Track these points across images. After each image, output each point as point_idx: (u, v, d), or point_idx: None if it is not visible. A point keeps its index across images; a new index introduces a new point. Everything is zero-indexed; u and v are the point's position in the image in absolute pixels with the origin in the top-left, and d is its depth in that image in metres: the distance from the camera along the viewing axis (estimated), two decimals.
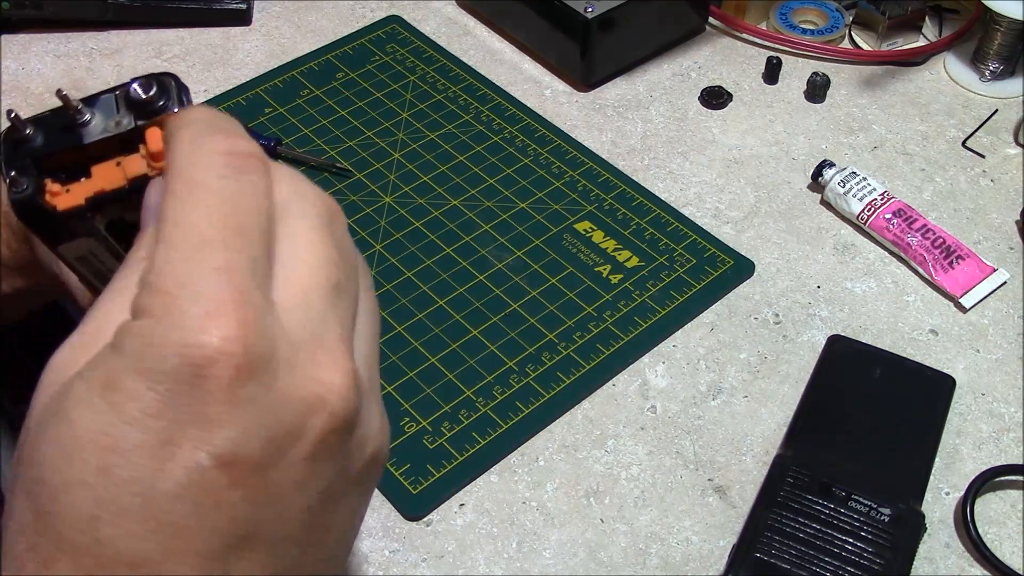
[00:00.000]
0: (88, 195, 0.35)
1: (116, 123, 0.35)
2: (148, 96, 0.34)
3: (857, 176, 0.66)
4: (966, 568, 0.50)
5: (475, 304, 0.61)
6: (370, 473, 0.31)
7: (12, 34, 0.79)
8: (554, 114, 0.74)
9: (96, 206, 0.36)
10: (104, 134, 0.35)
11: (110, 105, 0.35)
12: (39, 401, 0.28)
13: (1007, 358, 0.59)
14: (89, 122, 0.35)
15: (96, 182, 0.35)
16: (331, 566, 0.31)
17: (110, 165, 0.35)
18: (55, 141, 0.35)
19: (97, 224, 0.36)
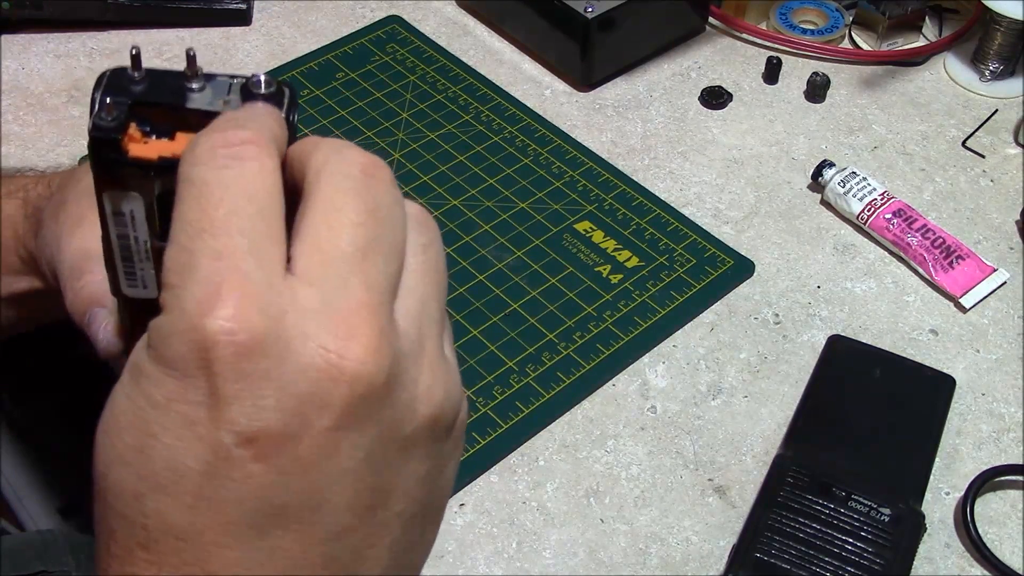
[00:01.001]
0: (162, 154, 0.36)
1: (223, 102, 0.36)
2: (264, 92, 0.35)
3: (857, 176, 0.66)
4: (966, 568, 0.50)
5: (475, 304, 0.61)
6: (434, 433, 0.31)
7: (12, 34, 0.79)
8: (554, 114, 0.74)
9: (163, 169, 0.36)
10: (206, 106, 0.36)
11: (224, 86, 0.36)
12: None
13: (1007, 358, 0.59)
14: (198, 91, 0.36)
15: (175, 147, 0.36)
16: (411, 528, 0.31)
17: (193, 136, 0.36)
18: (158, 94, 0.36)
19: (152, 187, 0.37)
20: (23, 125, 0.72)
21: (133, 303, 0.41)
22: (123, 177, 0.37)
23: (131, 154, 0.36)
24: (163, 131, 0.36)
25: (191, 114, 0.36)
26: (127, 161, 0.36)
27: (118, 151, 0.36)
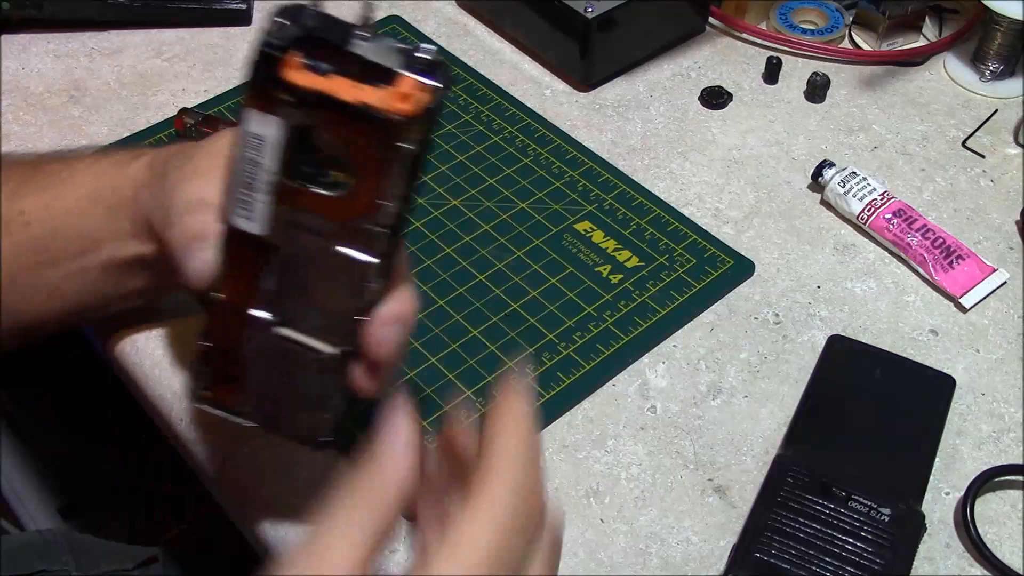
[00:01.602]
0: (316, 87, 0.38)
1: (385, 57, 0.38)
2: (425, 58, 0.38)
3: (857, 176, 0.66)
4: (966, 568, 0.50)
5: (475, 304, 0.61)
6: None
7: (12, 34, 0.79)
8: (554, 114, 0.74)
9: (311, 101, 0.38)
10: (368, 55, 0.38)
11: (388, 46, 0.38)
12: None
13: (1007, 358, 0.59)
14: (363, 41, 0.38)
15: (328, 84, 0.38)
16: None
17: (349, 82, 0.38)
18: (328, 33, 0.38)
19: (294, 117, 0.38)
20: (23, 125, 0.72)
21: (235, 238, 0.41)
22: (271, 97, 0.38)
23: (287, 77, 0.38)
24: (322, 69, 0.38)
25: (351, 59, 0.38)
26: (282, 83, 0.38)
27: (275, 70, 0.38)
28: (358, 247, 0.40)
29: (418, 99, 0.38)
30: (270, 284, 0.41)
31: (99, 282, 0.52)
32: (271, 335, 0.42)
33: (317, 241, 0.40)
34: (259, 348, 0.42)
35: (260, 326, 0.42)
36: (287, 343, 0.42)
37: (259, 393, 0.44)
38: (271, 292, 0.41)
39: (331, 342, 0.42)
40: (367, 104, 0.37)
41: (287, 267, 0.41)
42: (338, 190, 0.40)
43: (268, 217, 0.40)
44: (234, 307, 0.42)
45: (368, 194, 0.39)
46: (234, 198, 0.40)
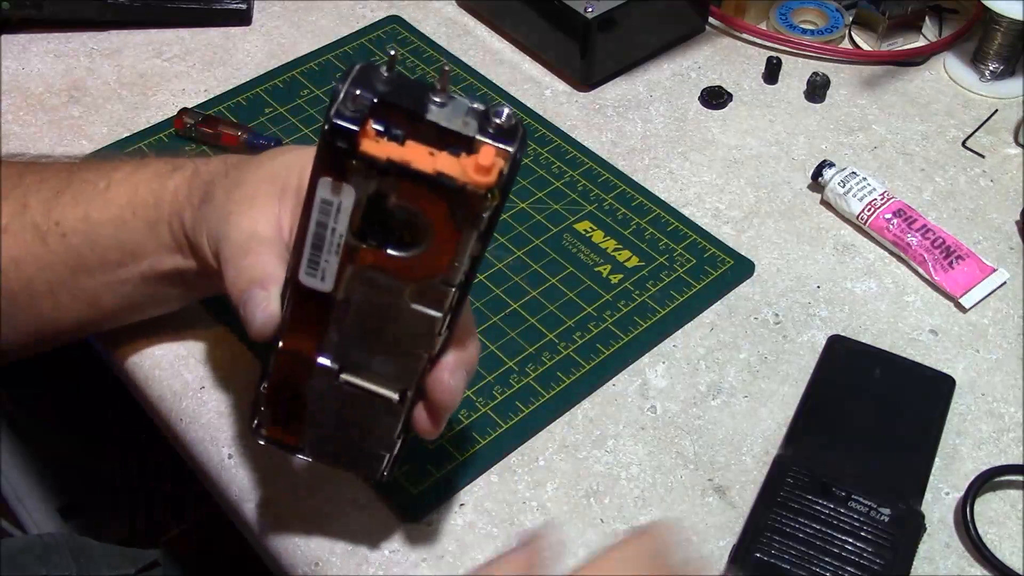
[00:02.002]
0: (391, 157, 0.37)
1: (462, 123, 0.37)
2: (503, 123, 0.37)
3: (857, 176, 0.66)
4: (966, 568, 0.50)
5: (475, 304, 0.61)
6: None
7: (12, 34, 0.79)
8: (554, 114, 0.74)
9: (387, 171, 0.37)
10: (443, 122, 0.37)
11: (463, 108, 0.37)
12: None
13: (1007, 358, 0.59)
14: (439, 107, 0.37)
15: (404, 152, 0.37)
16: None
17: (425, 149, 0.37)
18: (402, 98, 0.37)
19: (369, 186, 0.38)
20: (23, 125, 0.72)
21: (301, 293, 0.41)
22: (345, 168, 0.37)
23: (362, 149, 0.37)
24: (396, 135, 0.37)
25: (427, 126, 0.37)
26: (357, 155, 0.37)
27: (351, 143, 0.37)
28: (427, 304, 0.41)
29: (496, 167, 0.37)
30: (335, 335, 0.42)
31: (137, 292, 0.52)
32: (336, 381, 0.43)
33: (386, 297, 0.40)
34: (322, 393, 0.43)
35: (324, 372, 0.43)
36: (351, 388, 0.43)
37: (319, 433, 0.45)
38: (336, 342, 0.42)
39: (394, 388, 0.43)
40: (445, 175, 0.37)
41: (354, 320, 0.41)
42: (411, 251, 0.39)
43: (337, 276, 0.40)
44: (298, 355, 0.43)
45: (442, 258, 0.39)
46: (303, 258, 0.40)
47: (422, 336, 0.41)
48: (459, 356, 0.43)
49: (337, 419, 0.45)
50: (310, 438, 0.46)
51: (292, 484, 0.53)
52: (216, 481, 0.55)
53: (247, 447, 0.54)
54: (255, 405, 0.45)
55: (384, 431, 0.44)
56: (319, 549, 0.51)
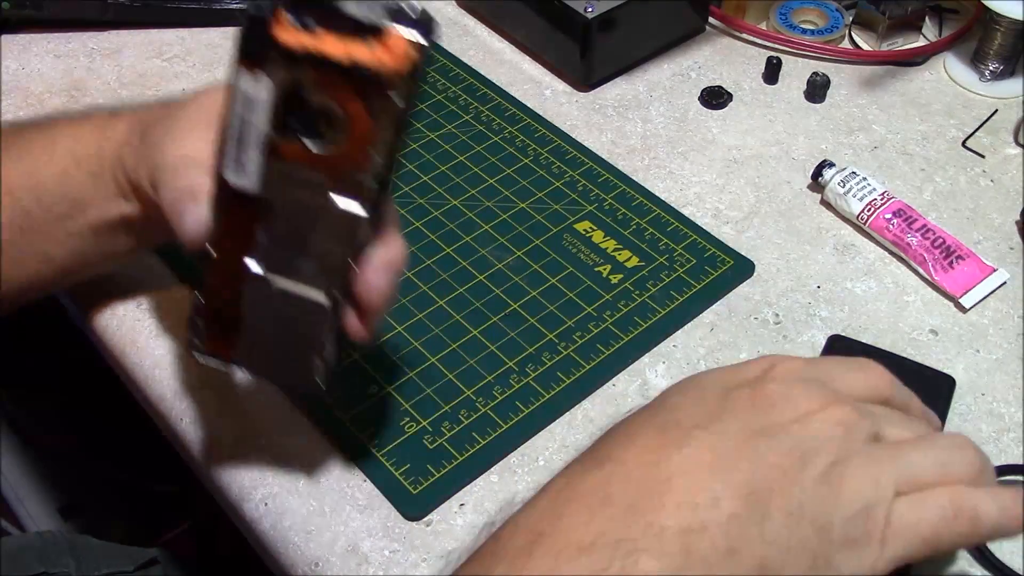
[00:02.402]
0: (306, 45, 0.39)
1: (375, 14, 0.39)
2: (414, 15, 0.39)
3: (857, 176, 0.66)
4: (966, 568, 0.50)
5: (475, 304, 0.61)
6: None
7: (12, 34, 0.79)
8: (554, 114, 0.74)
9: (301, 59, 0.39)
10: (357, 14, 0.39)
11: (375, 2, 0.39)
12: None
13: (1007, 358, 0.59)
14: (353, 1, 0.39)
15: (319, 42, 0.39)
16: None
17: (338, 38, 0.39)
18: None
19: (285, 77, 0.40)
20: None
21: (228, 194, 0.43)
22: (261, 58, 0.39)
23: (275, 36, 0.39)
24: (309, 25, 0.39)
25: (341, 17, 0.39)
26: (270, 43, 0.39)
27: (265, 31, 0.39)
28: (350, 199, 0.42)
29: (406, 53, 0.39)
30: (263, 238, 0.43)
31: (88, 244, 0.53)
32: (267, 286, 0.44)
33: (310, 195, 0.42)
34: (255, 299, 0.44)
35: (256, 278, 0.44)
36: (282, 293, 0.44)
37: (254, 343, 0.46)
38: (265, 245, 0.43)
39: (324, 290, 0.44)
40: (356, 60, 0.39)
41: (280, 220, 0.43)
42: (329, 144, 0.41)
43: (261, 173, 0.42)
44: (229, 261, 0.44)
45: (359, 148, 0.41)
46: (226, 155, 0.42)
47: (347, 235, 0.43)
48: (384, 256, 0.44)
49: (271, 327, 0.45)
50: (246, 350, 0.46)
51: (292, 484, 0.53)
52: (216, 481, 0.55)
53: (247, 447, 0.54)
54: (191, 320, 0.46)
55: (317, 337, 0.45)
56: (319, 549, 0.51)
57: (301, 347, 0.46)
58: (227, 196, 0.43)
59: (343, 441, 0.55)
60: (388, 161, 0.42)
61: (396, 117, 0.40)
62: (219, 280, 0.44)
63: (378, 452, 0.54)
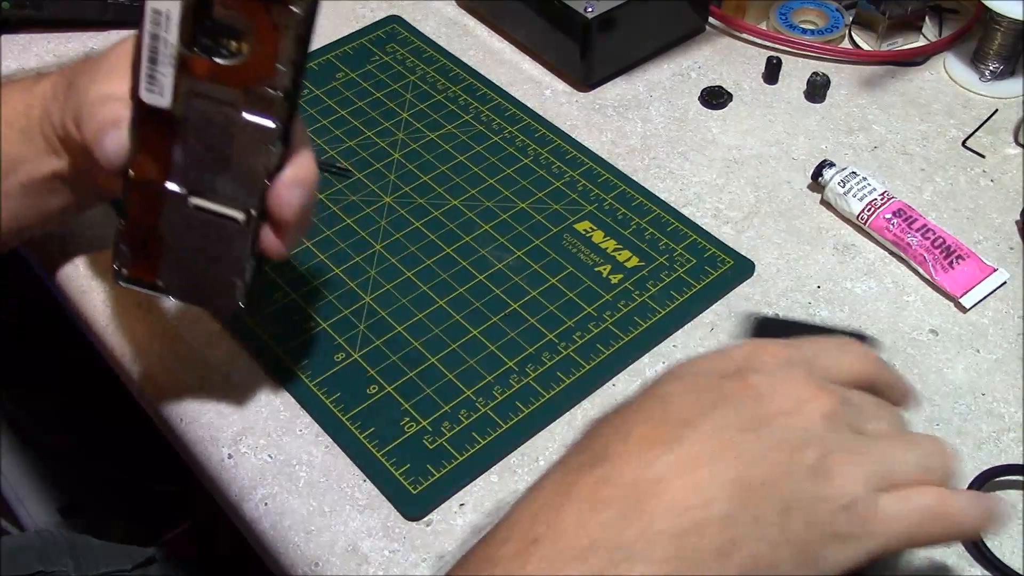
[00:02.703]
0: None
1: None
2: None
3: (857, 176, 0.66)
4: (966, 568, 0.50)
5: (475, 304, 0.61)
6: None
7: (12, 34, 0.79)
8: (554, 114, 0.74)
9: None
10: None
11: None
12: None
13: (1007, 358, 0.59)
14: None
15: None
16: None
17: None
18: None
19: None
20: None
21: (145, 113, 0.45)
22: None
23: None
24: None
25: None
26: None
27: None
28: (258, 112, 0.45)
29: None
30: (180, 157, 0.46)
31: (20, 205, 0.54)
32: (184, 205, 0.47)
33: (220, 110, 0.45)
34: (174, 219, 0.47)
35: (174, 197, 0.47)
36: (200, 212, 0.47)
37: (176, 265, 0.49)
38: (181, 165, 0.46)
39: (240, 207, 0.46)
40: None
41: (195, 138, 0.45)
42: (236, 58, 0.44)
43: (173, 90, 0.44)
44: (148, 182, 0.46)
45: (264, 59, 0.44)
46: (141, 74, 0.44)
47: (258, 150, 0.45)
48: (295, 171, 0.47)
49: (191, 248, 0.48)
50: (168, 272, 0.49)
51: (292, 484, 0.53)
52: (216, 481, 0.55)
53: (247, 447, 0.54)
54: (115, 247, 0.48)
55: (235, 255, 0.47)
56: (319, 549, 0.51)
57: (221, 266, 0.48)
58: (144, 116, 0.45)
59: (343, 441, 0.55)
60: (293, 74, 0.44)
61: (298, 29, 0.43)
62: (140, 202, 0.47)
63: (378, 452, 0.54)
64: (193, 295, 0.50)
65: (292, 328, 0.60)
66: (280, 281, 0.62)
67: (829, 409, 0.38)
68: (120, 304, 0.61)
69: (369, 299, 0.61)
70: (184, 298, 0.50)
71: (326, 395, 0.56)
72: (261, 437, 0.55)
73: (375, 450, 0.54)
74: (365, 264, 0.63)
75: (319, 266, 0.63)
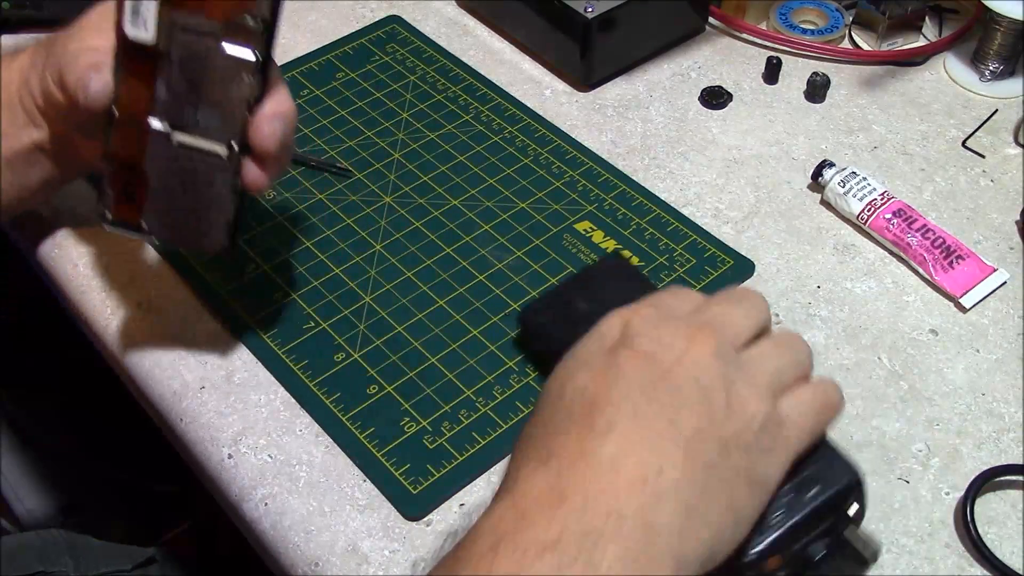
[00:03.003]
0: None
1: None
2: None
3: (857, 176, 0.66)
4: (966, 568, 0.50)
5: (475, 304, 0.61)
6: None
7: (12, 34, 0.79)
8: (554, 114, 0.74)
9: None
10: None
11: None
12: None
13: (1007, 358, 0.59)
14: None
15: None
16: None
17: None
18: None
19: None
20: None
21: (128, 49, 0.47)
22: None
23: None
24: None
25: None
26: None
27: None
28: (239, 43, 0.46)
29: None
30: (163, 92, 0.47)
31: (3, 179, 0.55)
32: (168, 142, 0.48)
33: (201, 41, 0.46)
34: (157, 157, 0.48)
35: (157, 134, 0.48)
36: (182, 147, 0.48)
37: (160, 206, 0.50)
38: (164, 100, 0.47)
39: (222, 142, 0.48)
40: None
41: (177, 72, 0.47)
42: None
43: (156, 23, 0.46)
44: (132, 119, 0.48)
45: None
46: (125, 9, 0.46)
47: (239, 81, 0.47)
48: (274, 105, 0.49)
49: (174, 187, 0.49)
50: (152, 213, 0.50)
51: (292, 484, 0.53)
52: (216, 481, 0.55)
53: (247, 447, 0.54)
54: (99, 189, 0.49)
55: (218, 191, 0.49)
56: (319, 549, 0.51)
57: (204, 205, 0.49)
58: (127, 52, 0.46)
59: (343, 441, 0.55)
60: (271, 4, 0.46)
61: None
62: (123, 141, 0.48)
63: (378, 452, 0.54)
64: (177, 235, 0.51)
65: (292, 328, 0.60)
66: (280, 281, 0.62)
67: (713, 344, 0.40)
68: (120, 304, 0.61)
69: (369, 299, 0.61)
70: (168, 239, 0.51)
71: (326, 395, 0.56)
72: (261, 437, 0.55)
73: (375, 450, 0.54)
74: (365, 264, 0.63)
75: (319, 266, 0.63)
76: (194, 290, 0.62)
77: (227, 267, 0.62)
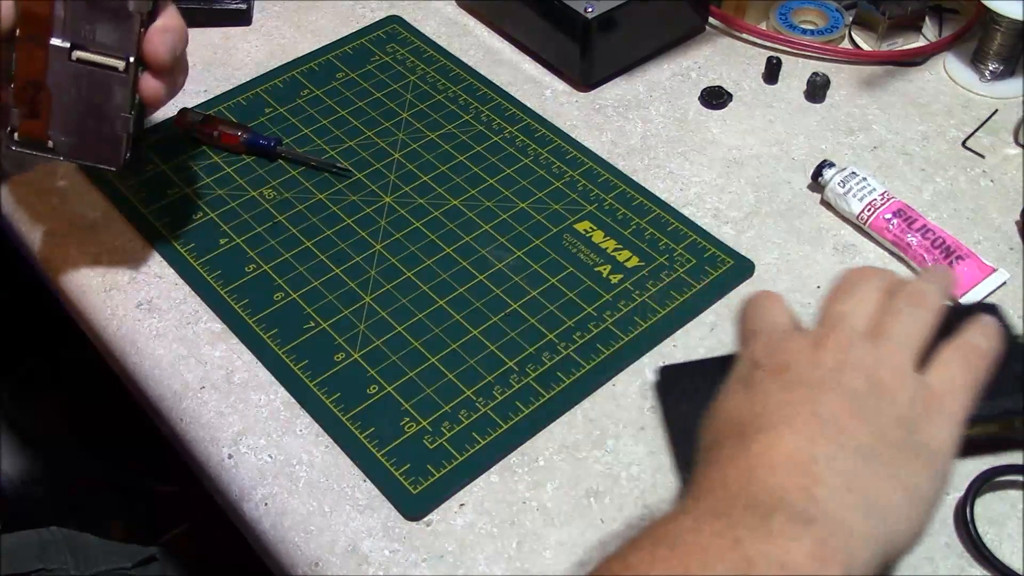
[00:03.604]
0: None
1: None
2: None
3: (857, 176, 0.66)
4: (966, 568, 0.50)
5: (475, 304, 0.61)
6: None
7: None
8: (554, 114, 0.74)
9: None
10: None
11: None
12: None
13: None
14: None
15: None
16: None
17: None
18: None
19: None
20: None
21: None
22: None
23: None
24: None
25: None
26: None
27: None
28: None
29: None
30: (61, 10, 0.51)
31: None
32: (68, 60, 0.52)
33: None
34: (59, 74, 0.52)
35: (58, 51, 0.52)
36: (83, 64, 0.52)
37: (63, 121, 0.53)
38: (63, 19, 0.51)
39: (119, 57, 0.53)
40: None
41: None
42: None
43: None
44: (34, 37, 0.51)
45: None
46: None
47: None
48: (164, 20, 0.54)
49: (76, 102, 0.53)
50: (56, 129, 0.53)
51: (292, 484, 0.53)
52: (216, 481, 0.55)
53: (247, 447, 0.54)
54: (6, 111, 0.52)
55: (117, 104, 0.53)
56: (319, 549, 0.51)
57: (105, 119, 0.54)
58: None
59: (343, 441, 0.55)
60: None
61: None
62: (27, 61, 0.52)
63: (378, 452, 0.54)
64: (80, 151, 0.54)
65: (292, 328, 0.60)
66: (280, 281, 0.62)
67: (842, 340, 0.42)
68: (119, 303, 0.61)
69: (369, 299, 0.61)
70: (72, 155, 0.54)
71: (326, 395, 0.56)
72: (261, 437, 0.55)
73: (375, 450, 0.54)
74: (365, 264, 0.63)
75: (319, 266, 0.63)
76: (194, 290, 0.62)
77: (226, 267, 0.62)
